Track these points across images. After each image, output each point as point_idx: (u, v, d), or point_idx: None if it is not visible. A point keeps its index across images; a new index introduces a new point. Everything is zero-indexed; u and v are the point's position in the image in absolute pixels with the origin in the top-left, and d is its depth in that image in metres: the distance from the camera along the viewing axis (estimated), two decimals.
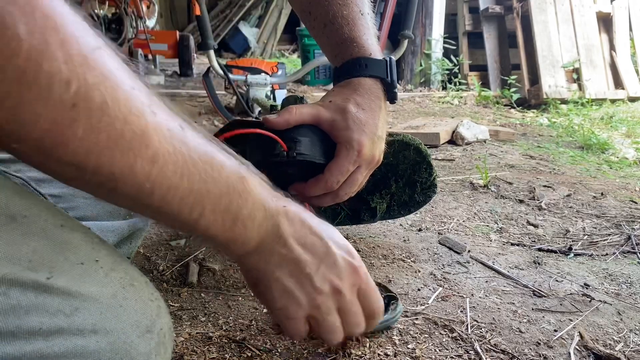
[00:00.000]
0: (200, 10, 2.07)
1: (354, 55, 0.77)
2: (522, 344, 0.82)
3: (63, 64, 0.33)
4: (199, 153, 0.41)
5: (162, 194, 0.39)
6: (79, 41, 0.34)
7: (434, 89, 4.71)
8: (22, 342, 0.37)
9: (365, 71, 0.76)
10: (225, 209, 0.43)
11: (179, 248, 1.12)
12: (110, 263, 0.44)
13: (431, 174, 1.12)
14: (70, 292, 0.40)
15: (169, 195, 0.40)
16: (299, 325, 0.53)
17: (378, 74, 0.76)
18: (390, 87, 0.78)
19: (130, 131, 0.36)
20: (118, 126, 0.35)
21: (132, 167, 0.37)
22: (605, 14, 4.31)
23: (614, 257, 1.20)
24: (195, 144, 0.41)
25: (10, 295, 0.37)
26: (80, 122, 0.34)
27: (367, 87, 0.76)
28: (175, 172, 0.39)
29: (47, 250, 0.40)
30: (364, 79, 0.76)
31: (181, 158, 0.39)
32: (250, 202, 0.45)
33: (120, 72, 0.36)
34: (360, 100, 0.74)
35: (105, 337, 0.40)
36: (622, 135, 2.96)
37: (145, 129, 0.37)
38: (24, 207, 0.41)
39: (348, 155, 0.72)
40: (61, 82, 0.33)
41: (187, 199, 0.41)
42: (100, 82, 0.34)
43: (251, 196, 0.45)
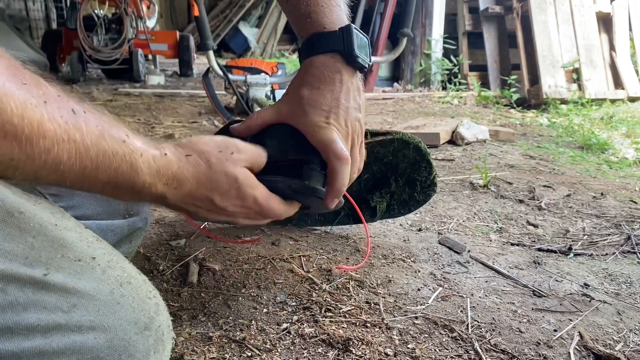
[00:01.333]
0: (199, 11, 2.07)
1: (309, 33, 0.73)
2: (522, 344, 0.81)
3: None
4: (91, 137, 0.45)
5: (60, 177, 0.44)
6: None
7: (434, 89, 4.71)
8: (21, 338, 0.37)
9: (317, 48, 0.71)
10: (117, 186, 0.49)
11: (179, 248, 1.12)
12: (107, 261, 0.44)
13: (431, 172, 1.12)
14: (67, 288, 0.40)
15: (65, 177, 0.44)
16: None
17: (332, 47, 0.70)
18: (350, 57, 0.70)
19: (28, 125, 0.40)
20: (16, 121, 0.39)
21: (30, 156, 0.41)
22: (605, 14, 4.31)
23: (613, 257, 1.20)
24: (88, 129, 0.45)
25: (8, 292, 0.37)
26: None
27: (319, 64, 0.70)
28: (69, 158, 0.43)
29: (44, 247, 0.40)
30: (315, 58, 0.71)
31: (74, 145, 0.43)
32: (140, 180, 0.51)
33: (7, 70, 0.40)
34: (313, 80, 0.70)
35: (104, 333, 0.40)
36: (622, 135, 2.96)
37: (40, 119, 0.40)
38: (19, 205, 0.41)
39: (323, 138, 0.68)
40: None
41: (82, 178, 0.46)
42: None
43: (141, 183, 0.51)
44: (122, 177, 0.48)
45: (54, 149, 0.42)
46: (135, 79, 4.63)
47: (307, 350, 0.78)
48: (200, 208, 0.60)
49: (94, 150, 0.45)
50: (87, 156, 0.44)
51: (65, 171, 0.43)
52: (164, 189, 0.54)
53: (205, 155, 0.58)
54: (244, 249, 1.12)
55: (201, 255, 1.07)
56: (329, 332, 0.81)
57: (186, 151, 0.57)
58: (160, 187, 0.53)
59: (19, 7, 5.74)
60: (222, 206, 0.60)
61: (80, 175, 0.45)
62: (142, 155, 0.50)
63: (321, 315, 0.87)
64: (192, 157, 0.57)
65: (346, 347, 0.78)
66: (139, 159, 0.49)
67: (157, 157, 0.52)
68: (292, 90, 0.72)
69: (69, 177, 0.44)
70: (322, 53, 0.70)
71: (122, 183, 0.49)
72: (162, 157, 0.53)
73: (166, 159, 0.53)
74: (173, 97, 3.87)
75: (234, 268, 1.03)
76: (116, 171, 0.47)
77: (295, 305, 0.90)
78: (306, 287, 0.96)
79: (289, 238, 1.18)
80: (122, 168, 0.48)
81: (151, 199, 0.55)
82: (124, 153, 0.48)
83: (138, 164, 0.49)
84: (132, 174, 0.49)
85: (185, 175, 0.56)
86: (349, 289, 0.96)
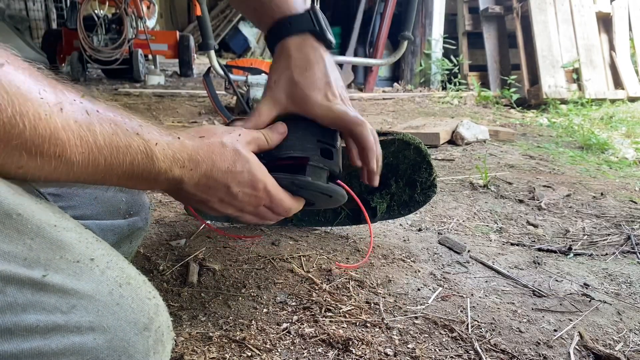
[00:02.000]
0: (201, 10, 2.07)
1: (276, 17, 0.73)
2: (522, 344, 0.81)
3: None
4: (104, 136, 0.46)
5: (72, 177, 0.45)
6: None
7: (433, 89, 4.71)
8: (20, 339, 0.37)
9: (289, 30, 0.72)
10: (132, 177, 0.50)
11: (179, 248, 1.12)
12: (106, 262, 0.44)
13: (431, 173, 1.12)
14: (66, 289, 0.40)
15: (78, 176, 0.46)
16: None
17: (303, 28, 0.72)
18: (321, 35, 0.73)
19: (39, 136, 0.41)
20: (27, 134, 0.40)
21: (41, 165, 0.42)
22: (605, 14, 4.31)
23: (613, 257, 1.20)
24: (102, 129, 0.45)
25: (7, 293, 0.37)
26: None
27: (297, 46, 0.72)
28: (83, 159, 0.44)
29: (42, 248, 0.40)
30: (289, 40, 0.72)
31: (87, 147, 0.44)
32: (156, 168, 0.52)
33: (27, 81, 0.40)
34: (299, 62, 0.71)
35: (103, 334, 0.40)
36: (622, 135, 2.96)
37: (54, 129, 0.41)
38: (18, 206, 0.41)
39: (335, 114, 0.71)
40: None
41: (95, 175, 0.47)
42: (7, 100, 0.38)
43: (157, 170, 0.52)
44: (137, 167, 0.50)
45: (66, 153, 0.43)
46: (135, 79, 4.64)
47: (307, 350, 0.78)
48: (214, 196, 0.61)
49: (108, 148, 0.46)
50: (100, 155, 0.46)
51: (78, 172, 0.45)
52: (181, 172, 0.55)
53: (217, 136, 0.60)
54: (244, 248, 1.12)
55: (201, 255, 1.07)
56: (329, 332, 0.81)
57: (199, 134, 0.59)
58: (176, 171, 0.54)
59: (19, 7, 5.74)
60: (235, 192, 0.61)
61: (93, 173, 0.46)
62: (157, 143, 0.51)
63: (321, 315, 0.87)
64: (205, 138, 0.59)
65: (346, 347, 0.78)
66: (154, 147, 0.51)
67: (171, 143, 0.53)
68: (280, 77, 0.72)
69: (82, 176, 0.46)
70: (295, 34, 0.72)
71: (138, 173, 0.50)
72: (176, 140, 0.54)
73: (180, 142, 0.55)
74: (173, 97, 3.87)
75: (234, 268, 1.03)
76: (131, 163, 0.49)
77: (295, 305, 0.90)
78: (306, 287, 0.96)
79: (289, 238, 1.18)
80: (137, 159, 0.49)
81: (168, 185, 0.56)
82: (138, 145, 0.49)
83: (153, 152, 0.51)
84: (148, 163, 0.51)
85: (201, 156, 0.57)
86: (349, 289, 0.96)
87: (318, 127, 0.73)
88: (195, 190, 0.59)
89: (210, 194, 0.60)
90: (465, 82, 4.52)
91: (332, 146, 0.73)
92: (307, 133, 0.72)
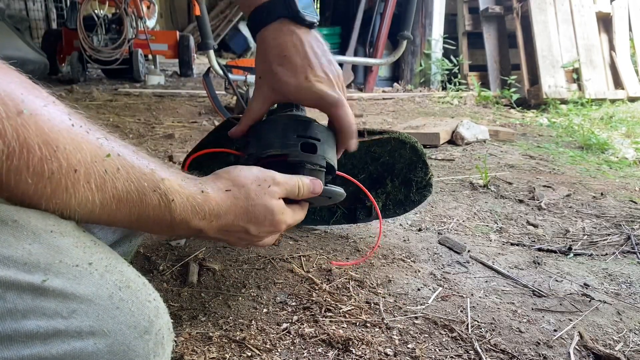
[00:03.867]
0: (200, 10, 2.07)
1: (252, 6, 0.73)
2: (522, 344, 0.82)
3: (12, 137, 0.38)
4: (128, 190, 0.47)
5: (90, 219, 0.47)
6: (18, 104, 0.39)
7: (433, 89, 4.71)
8: (20, 345, 0.37)
9: (265, 19, 0.71)
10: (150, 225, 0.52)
11: (179, 248, 1.12)
12: (105, 265, 0.44)
13: (427, 173, 1.12)
14: (66, 294, 0.39)
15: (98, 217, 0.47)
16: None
17: (277, 14, 0.71)
18: (297, 18, 0.71)
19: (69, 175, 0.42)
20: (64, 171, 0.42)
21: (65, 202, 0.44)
22: (605, 14, 4.31)
23: (613, 257, 1.20)
24: (113, 191, 0.46)
25: (6, 299, 0.37)
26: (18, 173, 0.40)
27: (273, 35, 0.71)
28: (83, 215, 0.45)
29: (41, 253, 0.40)
30: (265, 30, 0.72)
31: (91, 209, 0.45)
32: (172, 225, 0.53)
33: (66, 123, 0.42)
34: (276, 51, 0.70)
35: (103, 338, 0.40)
36: (622, 135, 2.96)
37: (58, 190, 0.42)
38: (13, 213, 0.41)
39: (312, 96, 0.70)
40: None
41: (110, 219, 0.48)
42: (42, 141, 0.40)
43: (172, 221, 0.53)
44: (149, 219, 0.51)
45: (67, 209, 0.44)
46: (135, 79, 4.63)
47: (307, 350, 0.78)
48: (232, 236, 0.63)
49: (114, 206, 0.47)
50: (104, 212, 0.47)
51: (77, 218, 0.46)
52: (201, 223, 0.56)
53: (245, 189, 0.61)
54: (244, 248, 1.12)
55: (201, 255, 1.07)
56: (329, 332, 0.81)
57: (226, 185, 0.59)
58: (196, 222, 0.56)
59: (19, 7, 5.74)
60: (255, 234, 0.63)
61: (96, 220, 0.48)
62: (174, 199, 0.52)
63: (321, 315, 0.87)
64: (231, 192, 0.59)
65: (346, 347, 0.78)
66: (170, 204, 0.52)
67: (192, 196, 0.54)
68: (262, 70, 0.72)
69: (82, 220, 0.47)
70: (271, 22, 0.71)
71: (151, 223, 0.52)
72: (199, 194, 0.55)
73: (203, 195, 0.56)
74: (173, 97, 3.87)
75: (234, 268, 1.03)
76: (139, 215, 0.50)
77: (295, 305, 0.90)
78: (306, 287, 0.96)
79: (289, 238, 1.18)
80: (149, 211, 0.50)
81: (187, 233, 0.57)
82: (152, 200, 0.50)
83: (171, 207, 0.52)
84: (164, 215, 0.52)
85: (224, 209, 0.58)
86: (349, 289, 0.96)
87: (300, 122, 0.73)
88: (215, 235, 0.60)
89: (229, 236, 0.63)
90: (465, 82, 4.52)
91: (314, 139, 0.72)
92: (287, 129, 0.71)
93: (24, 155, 0.39)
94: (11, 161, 0.39)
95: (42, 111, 0.40)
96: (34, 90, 0.41)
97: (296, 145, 0.70)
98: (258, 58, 0.73)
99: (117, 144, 0.47)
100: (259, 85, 0.73)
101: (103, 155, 0.45)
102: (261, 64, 0.73)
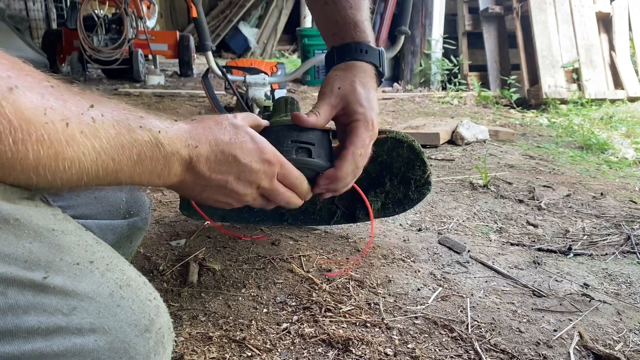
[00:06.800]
0: (197, 12, 2.07)
1: (356, 40, 0.85)
2: (522, 344, 0.82)
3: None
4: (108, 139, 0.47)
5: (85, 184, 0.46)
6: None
7: (433, 89, 4.71)
8: (21, 341, 0.37)
9: (365, 57, 0.84)
10: (144, 171, 0.52)
11: (179, 248, 1.12)
12: (106, 264, 0.44)
13: (425, 171, 1.12)
14: (67, 291, 0.40)
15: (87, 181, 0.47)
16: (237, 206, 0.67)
17: (374, 61, 0.85)
18: (380, 74, 0.86)
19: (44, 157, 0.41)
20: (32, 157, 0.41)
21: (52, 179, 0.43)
22: (604, 14, 4.31)
23: (613, 257, 1.20)
24: (106, 133, 0.46)
25: (8, 295, 0.37)
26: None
27: (367, 71, 0.83)
28: (91, 166, 0.45)
29: (42, 251, 0.40)
30: (364, 64, 0.84)
31: (95, 154, 0.45)
32: (163, 153, 0.53)
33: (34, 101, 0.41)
34: (365, 81, 0.82)
35: (104, 336, 0.40)
36: (622, 135, 2.96)
37: (59, 147, 0.42)
38: (15, 212, 0.41)
39: (367, 129, 0.79)
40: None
41: (106, 176, 0.48)
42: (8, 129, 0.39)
43: (165, 155, 0.53)
44: (146, 158, 0.51)
45: (75, 165, 0.44)
46: (136, 79, 4.63)
47: (307, 350, 0.78)
48: (229, 173, 0.61)
49: (114, 148, 0.47)
50: (107, 157, 0.47)
51: (89, 179, 0.46)
52: (187, 151, 0.56)
53: (211, 119, 0.62)
54: (244, 248, 1.12)
55: (201, 255, 1.07)
56: (329, 332, 0.81)
57: (191, 118, 0.61)
58: (183, 151, 0.56)
59: (19, 7, 5.74)
60: (246, 163, 0.62)
61: (105, 176, 0.47)
62: (160, 131, 0.53)
63: (321, 315, 0.87)
64: (197, 121, 0.60)
65: (346, 347, 0.78)
66: (157, 135, 0.52)
67: (169, 126, 0.55)
68: (344, 85, 0.80)
69: (95, 181, 0.47)
70: (366, 61, 0.84)
71: (148, 164, 0.52)
72: (174, 123, 0.56)
73: (178, 125, 0.57)
74: (173, 97, 3.87)
75: (234, 268, 1.03)
76: (139, 155, 0.50)
77: (295, 305, 0.90)
78: (306, 287, 0.96)
79: (289, 238, 1.18)
80: (144, 150, 0.51)
81: (181, 169, 0.56)
82: (142, 136, 0.51)
83: (158, 139, 0.52)
84: (155, 151, 0.52)
85: (200, 132, 0.58)
86: (349, 289, 0.96)
87: (295, 130, 0.76)
88: (208, 169, 0.59)
89: (224, 171, 0.61)
90: (465, 82, 4.52)
91: (308, 143, 0.75)
92: (281, 135, 0.75)
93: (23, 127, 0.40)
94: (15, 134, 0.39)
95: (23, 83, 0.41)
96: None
97: (291, 150, 0.74)
98: (345, 73, 0.82)
99: (92, 96, 0.48)
100: (332, 93, 0.80)
101: (87, 105, 0.46)
102: (350, 78, 0.82)
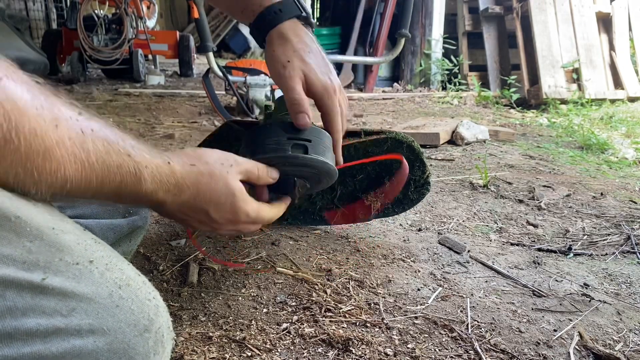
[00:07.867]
0: (198, 13, 2.07)
1: (264, 6, 0.77)
2: (522, 344, 0.82)
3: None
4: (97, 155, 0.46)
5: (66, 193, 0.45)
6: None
7: (433, 89, 4.71)
8: (20, 343, 0.37)
9: (284, 15, 0.76)
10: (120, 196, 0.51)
11: (179, 248, 1.12)
12: (105, 264, 0.44)
13: (424, 171, 1.12)
14: (66, 292, 0.40)
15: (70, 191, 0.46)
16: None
17: (294, 12, 0.77)
18: (308, 19, 0.79)
19: (34, 152, 0.41)
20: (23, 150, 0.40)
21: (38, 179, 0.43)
22: (604, 14, 4.31)
23: (613, 257, 1.20)
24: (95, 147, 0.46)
25: (6, 297, 0.37)
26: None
27: (295, 28, 0.76)
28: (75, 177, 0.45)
29: (41, 251, 0.40)
30: (282, 26, 0.76)
31: (80, 165, 0.45)
32: (142, 190, 0.53)
33: (25, 96, 0.40)
34: (300, 45, 0.75)
35: (103, 337, 0.40)
36: (622, 135, 2.96)
37: (49, 146, 0.42)
38: (16, 209, 0.41)
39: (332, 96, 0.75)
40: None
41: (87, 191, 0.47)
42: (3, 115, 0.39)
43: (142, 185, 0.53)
44: (125, 188, 0.51)
45: (60, 169, 0.43)
46: (136, 79, 4.63)
47: (307, 350, 0.78)
48: (193, 218, 0.63)
49: (100, 167, 0.47)
50: (92, 173, 0.46)
51: (71, 188, 0.45)
52: (165, 196, 0.56)
53: (209, 166, 0.61)
54: (244, 248, 1.12)
55: (201, 255, 1.07)
56: (329, 332, 0.81)
57: (191, 160, 0.59)
58: (161, 195, 0.55)
59: (19, 7, 5.74)
60: (215, 218, 0.63)
61: (85, 190, 0.47)
62: (147, 166, 0.52)
63: (321, 315, 0.87)
64: (196, 167, 0.59)
65: (346, 347, 0.78)
66: (143, 170, 0.52)
67: (160, 167, 0.54)
68: (290, 57, 0.74)
69: (75, 192, 0.46)
70: (287, 20, 0.76)
71: (126, 193, 0.51)
72: (166, 165, 0.55)
73: (169, 167, 0.56)
74: (173, 97, 3.87)
75: (234, 268, 1.03)
76: (120, 183, 0.50)
77: (295, 305, 0.90)
78: (306, 287, 0.96)
79: (289, 238, 1.18)
80: (126, 180, 0.50)
81: (150, 205, 0.57)
82: (128, 165, 0.50)
83: (142, 175, 0.52)
84: (136, 185, 0.52)
85: (187, 184, 0.58)
86: (349, 289, 0.96)
87: (292, 125, 0.75)
88: (176, 212, 0.60)
89: (189, 215, 0.62)
90: (465, 82, 4.52)
91: (305, 140, 0.74)
92: (279, 132, 0.74)
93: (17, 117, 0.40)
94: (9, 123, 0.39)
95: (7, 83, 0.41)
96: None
97: (287, 147, 0.73)
98: (280, 48, 0.75)
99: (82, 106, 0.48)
100: (289, 71, 0.74)
101: (76, 112, 0.45)
102: (286, 54, 0.75)
